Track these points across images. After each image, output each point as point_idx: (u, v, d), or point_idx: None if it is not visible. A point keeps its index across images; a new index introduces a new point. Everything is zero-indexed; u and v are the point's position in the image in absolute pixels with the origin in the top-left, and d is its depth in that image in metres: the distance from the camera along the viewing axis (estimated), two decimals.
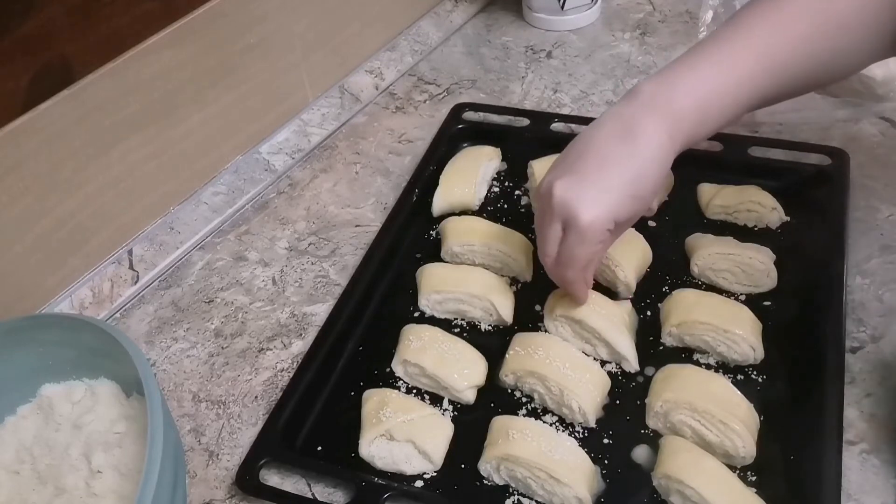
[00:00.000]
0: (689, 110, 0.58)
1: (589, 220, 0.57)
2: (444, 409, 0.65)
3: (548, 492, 0.57)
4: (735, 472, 0.56)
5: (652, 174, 0.58)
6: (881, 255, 0.71)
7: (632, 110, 0.59)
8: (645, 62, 1.00)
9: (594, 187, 0.58)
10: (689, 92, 0.58)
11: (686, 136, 0.59)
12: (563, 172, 0.60)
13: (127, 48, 0.73)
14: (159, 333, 0.76)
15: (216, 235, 0.85)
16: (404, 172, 0.89)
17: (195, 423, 0.68)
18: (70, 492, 0.57)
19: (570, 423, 0.63)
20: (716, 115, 0.59)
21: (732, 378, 0.63)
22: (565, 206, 0.58)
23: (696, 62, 0.60)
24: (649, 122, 0.58)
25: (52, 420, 0.62)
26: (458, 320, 0.72)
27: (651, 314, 0.69)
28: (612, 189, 0.58)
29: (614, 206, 0.58)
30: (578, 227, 0.58)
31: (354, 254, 0.81)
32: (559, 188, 0.59)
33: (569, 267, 0.61)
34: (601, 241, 0.59)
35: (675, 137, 0.58)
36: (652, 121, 0.58)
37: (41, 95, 0.67)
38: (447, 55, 1.08)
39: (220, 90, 0.84)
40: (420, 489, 0.60)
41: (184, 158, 0.83)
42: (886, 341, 0.65)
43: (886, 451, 0.58)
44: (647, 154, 0.58)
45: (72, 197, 0.73)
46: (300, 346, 0.73)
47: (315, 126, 0.96)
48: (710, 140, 0.81)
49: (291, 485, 0.62)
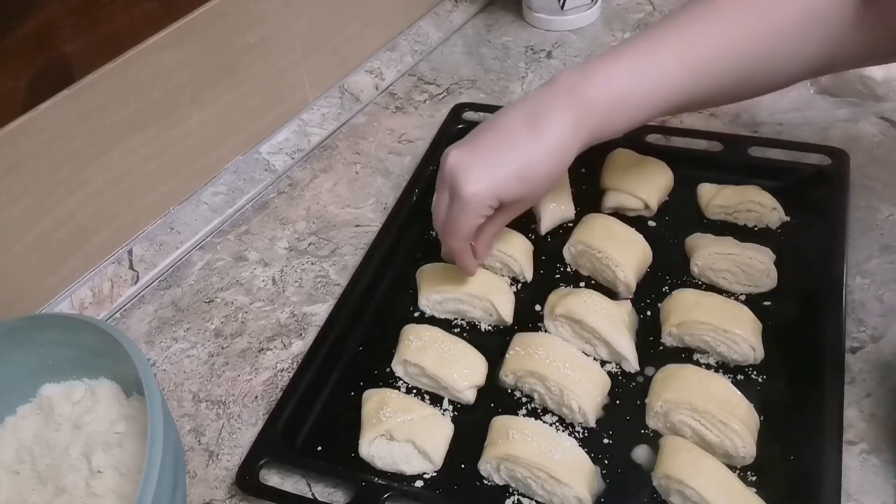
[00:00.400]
0: (600, 104, 0.59)
1: (471, 192, 0.59)
2: (444, 409, 0.65)
3: (548, 492, 0.57)
4: (735, 472, 0.56)
5: (546, 161, 0.60)
6: (881, 255, 0.71)
7: (545, 97, 0.60)
8: None
9: (483, 163, 0.60)
10: (603, 86, 0.59)
11: (592, 129, 0.60)
12: (462, 144, 0.62)
13: (127, 48, 0.73)
14: (159, 333, 0.76)
15: (216, 235, 0.85)
16: (404, 172, 0.89)
17: (195, 423, 0.68)
18: (70, 492, 0.57)
19: (570, 423, 0.63)
20: (628, 112, 0.60)
21: (732, 378, 0.63)
22: (452, 175, 0.60)
23: (618, 57, 0.60)
24: (558, 111, 0.59)
25: (52, 420, 0.62)
26: (458, 320, 0.72)
27: (651, 314, 0.69)
28: (500, 167, 0.60)
29: (499, 184, 0.60)
30: (461, 198, 0.60)
31: (354, 254, 0.81)
32: (452, 157, 0.61)
33: (451, 235, 0.63)
34: (482, 216, 0.61)
35: (581, 130, 0.59)
36: (561, 110, 0.59)
37: (41, 95, 0.67)
38: (447, 55, 1.08)
39: (220, 90, 0.84)
40: (420, 489, 0.60)
41: (184, 158, 0.83)
42: (886, 341, 0.65)
43: (886, 451, 0.58)
44: (547, 140, 0.59)
45: (72, 197, 0.73)
46: (300, 346, 0.73)
47: (315, 126, 0.96)
48: (710, 140, 0.82)
49: (291, 485, 0.62)
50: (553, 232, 0.78)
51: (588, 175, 0.82)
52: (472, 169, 0.60)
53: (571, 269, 0.75)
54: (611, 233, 0.72)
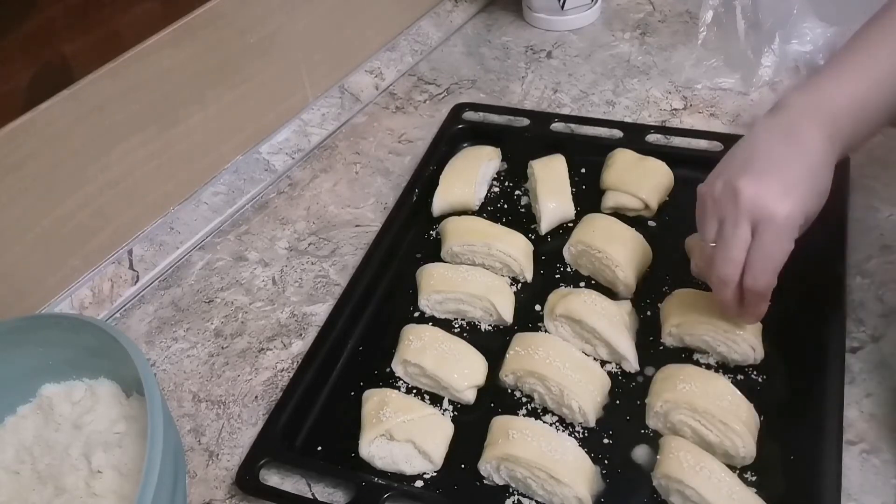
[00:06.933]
0: (844, 114, 0.57)
1: (786, 212, 0.54)
2: (444, 409, 0.65)
3: (548, 492, 0.57)
4: (735, 472, 0.56)
5: (824, 172, 0.57)
6: (881, 255, 0.71)
7: (787, 119, 0.58)
8: (645, 62, 1.00)
9: (781, 182, 0.55)
10: (840, 97, 0.57)
11: (844, 139, 0.58)
12: (741, 172, 0.56)
13: (127, 48, 0.73)
14: (159, 333, 0.76)
15: (216, 235, 0.85)
16: (404, 172, 0.89)
17: (195, 423, 0.68)
18: (70, 492, 0.57)
19: (570, 423, 0.63)
20: (868, 121, 0.59)
21: (732, 378, 0.63)
22: (756, 202, 0.54)
23: (840, 70, 0.59)
24: (808, 127, 0.56)
25: (52, 420, 0.62)
26: (458, 320, 0.72)
27: (651, 314, 0.69)
28: (799, 183, 0.55)
29: (804, 200, 0.55)
30: (776, 223, 0.54)
31: (354, 254, 0.81)
32: (746, 186, 0.55)
33: (765, 272, 0.56)
34: (794, 239, 0.56)
35: (835, 141, 0.57)
36: (810, 125, 0.57)
37: (41, 95, 0.67)
38: (447, 55, 1.08)
39: (220, 90, 0.84)
40: (420, 489, 0.60)
41: (184, 158, 0.83)
42: (886, 341, 0.65)
43: (886, 451, 0.58)
44: (816, 151, 0.56)
45: (72, 197, 0.73)
46: (300, 346, 0.73)
47: (315, 126, 0.96)
48: (710, 140, 0.82)
49: (291, 485, 0.62)
50: (553, 232, 0.78)
51: (588, 175, 0.82)
52: (775, 190, 0.54)
53: (571, 269, 0.75)
54: (611, 233, 0.72)
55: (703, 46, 0.95)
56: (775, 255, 0.55)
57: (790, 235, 0.55)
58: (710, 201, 0.58)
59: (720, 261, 0.57)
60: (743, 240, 0.56)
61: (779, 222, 0.54)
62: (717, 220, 0.58)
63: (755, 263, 0.56)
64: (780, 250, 0.55)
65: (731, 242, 0.56)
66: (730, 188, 0.56)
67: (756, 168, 0.56)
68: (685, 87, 0.94)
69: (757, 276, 0.56)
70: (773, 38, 0.90)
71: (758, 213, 0.55)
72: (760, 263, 0.56)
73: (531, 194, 0.82)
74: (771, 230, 0.55)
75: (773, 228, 0.54)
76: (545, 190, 0.78)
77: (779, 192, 0.54)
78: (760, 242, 0.55)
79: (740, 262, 0.56)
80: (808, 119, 0.57)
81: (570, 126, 0.89)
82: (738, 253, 0.56)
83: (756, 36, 0.91)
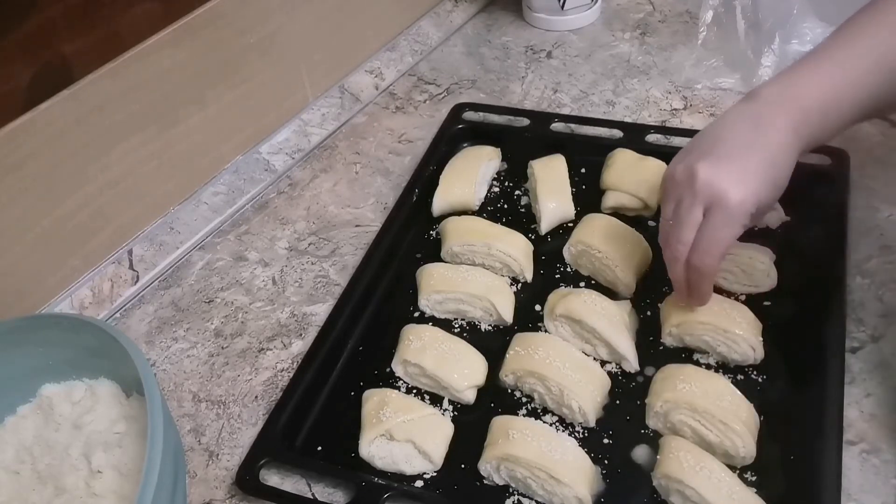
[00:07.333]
0: (813, 108, 0.58)
1: (739, 198, 0.56)
2: (444, 409, 0.65)
3: (548, 492, 0.57)
4: (735, 472, 0.56)
5: (784, 164, 0.58)
6: (881, 255, 0.71)
7: (756, 107, 0.59)
8: (645, 62, 1.00)
9: (739, 168, 0.57)
10: (811, 90, 0.58)
11: (810, 133, 0.59)
12: (702, 156, 0.58)
13: (127, 48, 0.73)
14: (159, 333, 0.76)
15: (216, 235, 0.85)
16: (404, 172, 0.89)
17: (195, 423, 0.68)
18: (70, 492, 0.57)
19: (570, 423, 0.63)
20: (838, 115, 0.59)
21: (732, 378, 0.63)
22: (711, 186, 0.56)
23: (816, 64, 0.59)
24: (776, 117, 0.58)
25: (52, 420, 0.62)
26: (458, 320, 0.72)
27: (651, 314, 0.69)
28: (757, 172, 0.57)
29: (759, 188, 0.57)
30: (727, 207, 0.56)
31: (354, 254, 0.81)
32: (703, 169, 0.57)
33: (709, 253, 0.57)
34: (744, 226, 0.57)
35: (801, 134, 0.58)
36: (778, 116, 0.58)
37: (41, 95, 0.67)
38: (447, 55, 1.08)
39: (220, 90, 0.84)
40: (420, 489, 0.60)
41: (184, 158, 0.83)
42: (886, 341, 0.65)
43: (886, 451, 0.58)
44: (780, 142, 0.57)
45: (72, 197, 0.73)
46: (300, 346, 0.73)
47: (315, 126, 0.96)
48: None
49: (291, 485, 0.62)
50: (553, 232, 0.78)
51: (588, 175, 0.82)
52: (731, 176, 0.56)
53: (571, 269, 0.75)
54: (611, 233, 0.72)
55: (703, 46, 0.95)
56: (721, 238, 0.57)
57: (739, 221, 0.57)
58: (672, 182, 0.60)
59: (672, 239, 0.59)
60: (695, 220, 0.57)
61: (730, 207, 0.56)
62: (675, 200, 0.59)
63: (701, 243, 0.58)
64: (727, 234, 0.57)
65: (684, 222, 0.58)
66: (689, 170, 0.58)
67: (717, 153, 0.58)
68: (685, 87, 0.94)
69: (701, 255, 0.58)
70: (773, 38, 0.90)
71: (711, 196, 0.56)
72: (706, 244, 0.57)
73: (531, 194, 0.82)
74: (721, 214, 0.56)
75: (723, 212, 0.56)
76: (545, 190, 0.78)
77: (735, 179, 0.56)
78: (709, 224, 0.57)
79: (689, 241, 0.58)
80: (777, 110, 0.58)
81: (570, 126, 0.89)
82: (689, 233, 0.58)
83: (756, 36, 0.91)
